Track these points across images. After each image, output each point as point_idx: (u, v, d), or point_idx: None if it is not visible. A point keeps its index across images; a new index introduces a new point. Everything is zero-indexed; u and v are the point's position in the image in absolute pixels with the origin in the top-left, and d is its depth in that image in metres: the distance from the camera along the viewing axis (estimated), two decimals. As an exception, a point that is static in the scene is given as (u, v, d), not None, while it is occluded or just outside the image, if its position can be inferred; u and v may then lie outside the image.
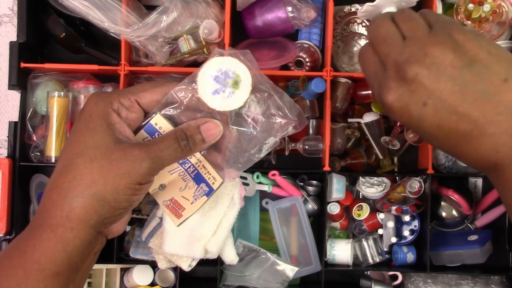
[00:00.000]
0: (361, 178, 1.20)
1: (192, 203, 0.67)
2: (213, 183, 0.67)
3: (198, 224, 1.01)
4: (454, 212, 1.21)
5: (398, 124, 1.15)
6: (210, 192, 0.67)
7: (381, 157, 1.17)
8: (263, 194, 1.18)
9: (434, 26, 0.54)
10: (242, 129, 0.67)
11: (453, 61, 0.50)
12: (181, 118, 0.64)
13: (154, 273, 1.16)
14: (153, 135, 0.64)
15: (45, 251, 0.55)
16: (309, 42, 1.19)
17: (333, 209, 1.18)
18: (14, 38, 1.12)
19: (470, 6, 1.09)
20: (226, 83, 0.63)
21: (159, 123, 0.64)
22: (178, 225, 0.68)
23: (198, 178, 0.67)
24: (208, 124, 0.63)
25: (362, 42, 1.19)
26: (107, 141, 0.58)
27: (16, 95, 1.17)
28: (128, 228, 1.17)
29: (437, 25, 0.54)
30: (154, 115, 0.64)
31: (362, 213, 1.20)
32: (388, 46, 0.55)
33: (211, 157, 0.67)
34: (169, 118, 0.64)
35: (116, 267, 1.17)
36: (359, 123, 1.16)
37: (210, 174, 0.66)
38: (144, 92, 0.63)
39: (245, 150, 0.67)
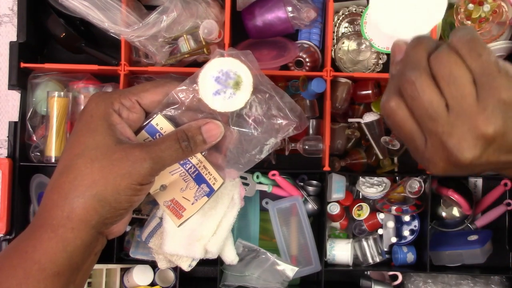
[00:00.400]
0: (361, 178, 1.20)
1: (192, 204, 0.67)
2: (213, 184, 0.67)
3: (198, 224, 1.01)
4: (454, 212, 1.21)
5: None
6: (210, 192, 0.67)
7: (381, 157, 1.17)
8: (263, 194, 1.18)
9: (479, 85, 0.48)
10: (243, 130, 0.66)
11: (504, 135, 0.49)
12: (182, 118, 0.64)
13: (154, 273, 1.16)
14: (154, 136, 0.64)
15: (46, 251, 0.55)
16: (309, 42, 1.19)
17: (333, 209, 1.18)
18: (14, 38, 1.12)
19: (470, 6, 1.09)
20: (227, 84, 0.63)
21: (160, 123, 0.63)
22: (179, 226, 0.68)
23: (199, 179, 0.66)
24: (209, 125, 0.63)
25: (367, 42, 1.17)
26: (108, 142, 0.58)
27: (16, 95, 1.17)
28: (128, 228, 1.17)
29: (481, 81, 0.48)
30: (155, 115, 0.63)
31: (362, 213, 1.20)
32: (433, 122, 0.49)
33: (212, 158, 0.67)
34: (170, 118, 0.64)
35: (116, 267, 1.17)
36: (359, 123, 1.16)
37: (211, 174, 0.66)
38: (145, 92, 0.63)
39: (246, 151, 0.67)
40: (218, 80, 0.63)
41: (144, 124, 0.64)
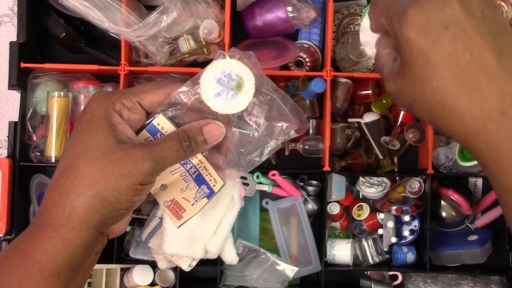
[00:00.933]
0: (361, 178, 1.20)
1: (192, 205, 0.67)
2: (214, 186, 0.67)
3: (198, 224, 1.01)
4: (454, 212, 1.21)
5: (398, 124, 1.16)
6: (211, 194, 0.67)
7: (381, 157, 1.17)
8: (263, 194, 1.18)
9: None
10: (244, 131, 0.67)
11: (484, 9, 0.48)
12: (183, 119, 0.64)
13: (154, 273, 1.16)
14: (155, 136, 0.64)
15: (46, 251, 0.55)
16: (309, 42, 1.19)
17: (333, 209, 1.18)
18: (14, 38, 1.12)
19: (470, 6, 1.09)
20: (229, 85, 0.63)
21: (162, 123, 0.64)
22: (178, 227, 0.68)
23: (199, 180, 0.66)
24: (211, 125, 0.63)
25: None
26: (109, 142, 0.58)
27: (16, 95, 1.17)
28: (128, 228, 1.17)
29: None
30: (156, 115, 0.64)
31: (362, 213, 1.20)
32: None
33: (213, 158, 0.67)
34: (172, 118, 0.64)
35: (116, 267, 1.17)
36: (359, 123, 1.16)
37: (212, 176, 0.66)
38: (146, 93, 0.63)
39: (246, 153, 0.67)
40: (220, 82, 0.63)
41: (146, 123, 0.64)
